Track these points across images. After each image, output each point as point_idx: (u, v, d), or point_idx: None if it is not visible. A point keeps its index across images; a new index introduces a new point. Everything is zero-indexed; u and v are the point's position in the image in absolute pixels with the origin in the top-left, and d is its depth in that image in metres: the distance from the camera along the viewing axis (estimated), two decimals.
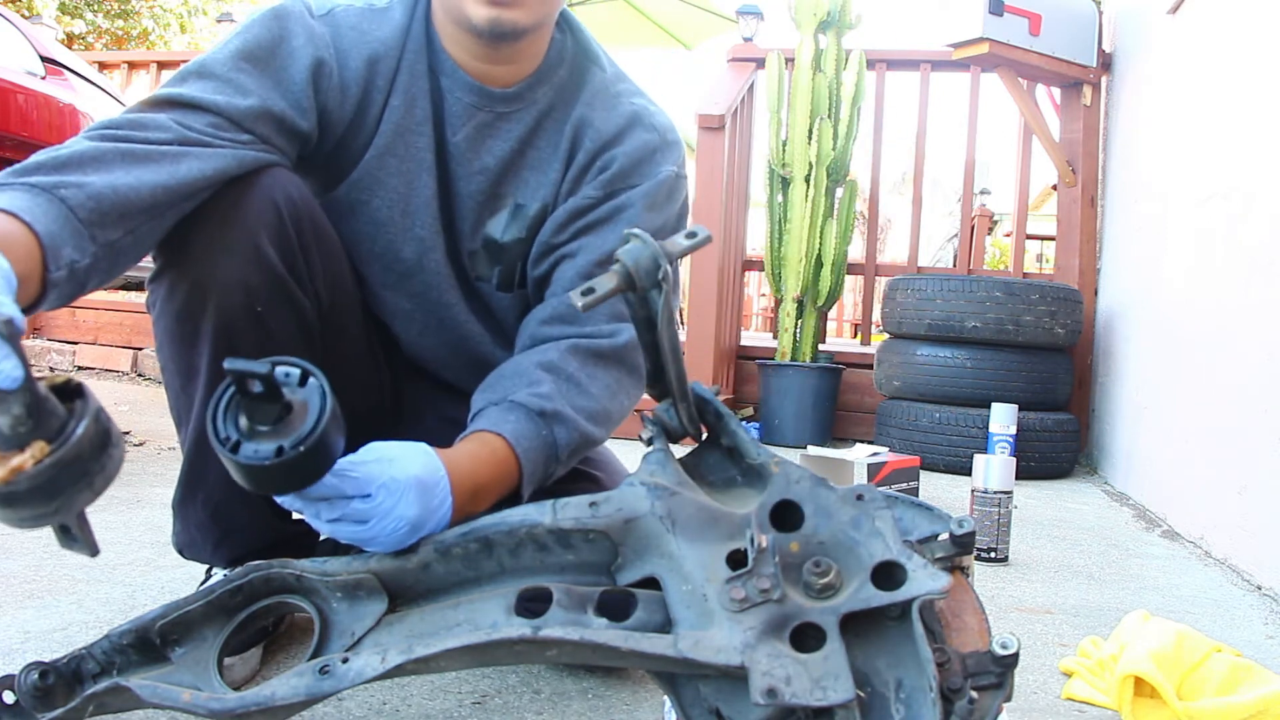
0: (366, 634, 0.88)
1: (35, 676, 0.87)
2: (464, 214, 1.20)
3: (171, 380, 1.09)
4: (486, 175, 1.19)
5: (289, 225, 1.05)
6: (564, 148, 1.19)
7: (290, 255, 1.06)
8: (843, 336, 8.35)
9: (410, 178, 1.16)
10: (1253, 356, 2.06)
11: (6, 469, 0.66)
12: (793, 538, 0.84)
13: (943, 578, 0.78)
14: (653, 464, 0.91)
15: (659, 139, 1.20)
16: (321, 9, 1.13)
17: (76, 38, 10.62)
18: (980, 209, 7.26)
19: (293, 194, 1.06)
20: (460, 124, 1.17)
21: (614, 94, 1.21)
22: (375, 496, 0.87)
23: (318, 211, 1.12)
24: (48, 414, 0.68)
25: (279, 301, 1.05)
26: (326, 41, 1.11)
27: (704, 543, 0.85)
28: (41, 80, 2.32)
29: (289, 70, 1.08)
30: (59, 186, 0.87)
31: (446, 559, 0.91)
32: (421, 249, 1.19)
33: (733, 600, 0.79)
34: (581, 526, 0.88)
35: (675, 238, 0.85)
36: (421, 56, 1.15)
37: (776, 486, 0.88)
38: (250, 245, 1.01)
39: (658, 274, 0.83)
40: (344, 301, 1.18)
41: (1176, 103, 3.00)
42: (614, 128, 1.19)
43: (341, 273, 1.17)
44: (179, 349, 1.05)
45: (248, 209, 1.02)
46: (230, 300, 1.01)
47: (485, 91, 1.16)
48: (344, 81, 1.12)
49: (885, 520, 0.83)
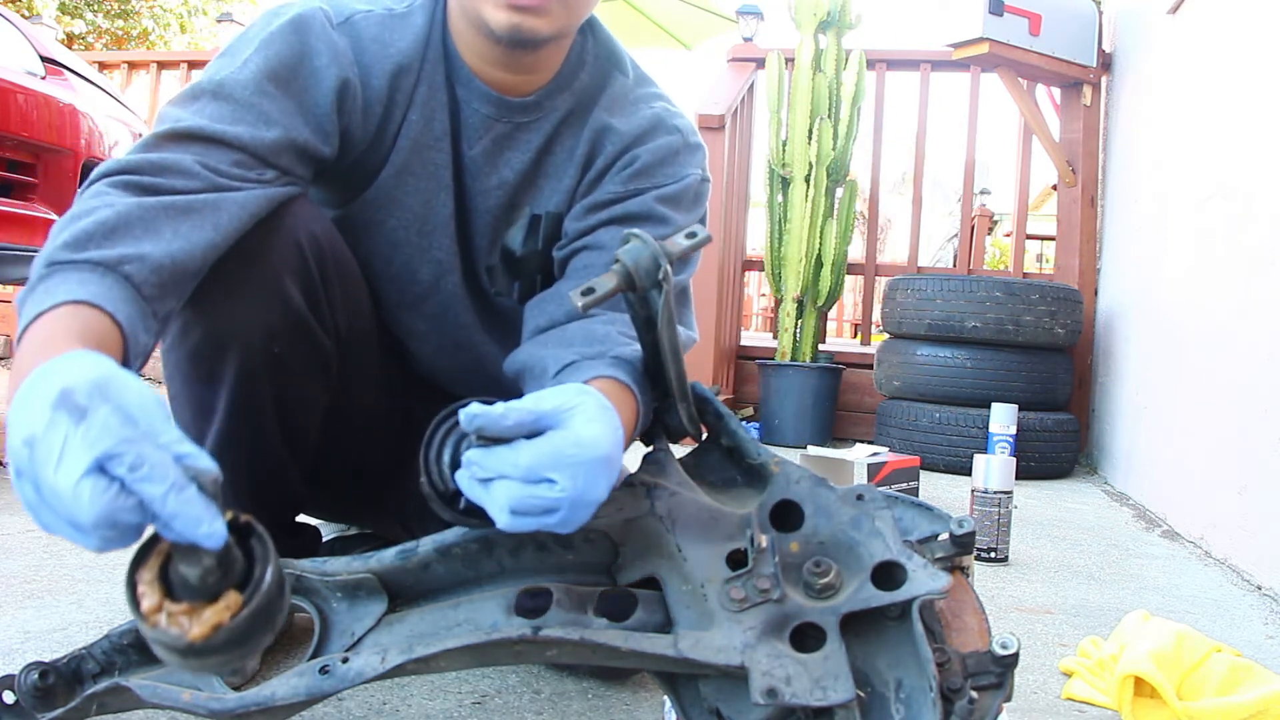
0: (367, 634, 0.88)
1: (35, 676, 0.87)
2: (481, 229, 1.16)
3: (183, 413, 1.05)
4: (504, 189, 1.14)
5: (312, 263, 1.02)
6: (581, 153, 1.15)
7: (313, 294, 1.03)
8: (843, 336, 8.35)
9: (428, 196, 1.12)
10: (1253, 356, 2.06)
11: (203, 625, 0.63)
12: (793, 538, 0.84)
13: (943, 578, 0.78)
14: (653, 464, 0.91)
15: (682, 140, 1.16)
16: (340, 14, 1.05)
17: (76, 38, 10.63)
18: (980, 209, 7.27)
19: (315, 231, 1.03)
20: (477, 137, 1.12)
21: (635, 98, 1.17)
22: (561, 483, 0.74)
23: (340, 244, 1.09)
24: (233, 560, 0.65)
25: (299, 341, 1.03)
26: (350, 59, 1.04)
27: (704, 543, 0.85)
28: (41, 80, 2.32)
29: (313, 94, 1.02)
30: (122, 263, 0.80)
31: (447, 559, 0.91)
32: (439, 271, 1.16)
33: (733, 600, 0.79)
34: (583, 528, 0.88)
35: (675, 237, 0.85)
36: (439, 66, 1.10)
37: (776, 486, 0.88)
38: (273, 287, 0.98)
39: (658, 274, 0.83)
40: (362, 329, 1.15)
41: (1176, 102, 3.00)
42: (636, 129, 1.14)
43: (361, 302, 1.14)
44: (193, 387, 1.02)
45: (270, 248, 0.98)
46: (251, 343, 0.98)
47: (503, 102, 1.11)
48: (367, 101, 1.07)
49: (885, 520, 0.83)
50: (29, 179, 2.25)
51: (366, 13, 1.07)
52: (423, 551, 0.90)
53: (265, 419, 1.04)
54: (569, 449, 0.74)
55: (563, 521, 0.76)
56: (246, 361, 0.99)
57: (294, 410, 1.07)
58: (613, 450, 0.77)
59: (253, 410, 1.02)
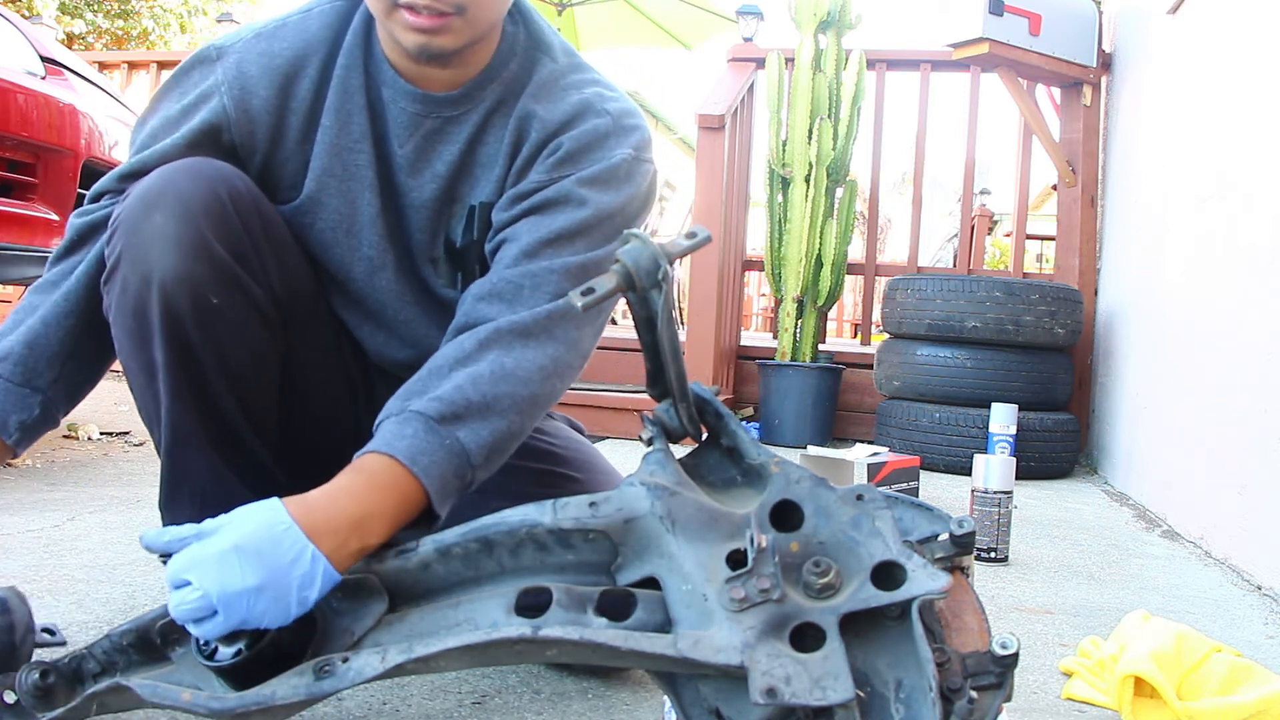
0: (367, 634, 0.88)
1: (36, 676, 0.88)
2: (420, 224, 1.17)
3: (135, 379, 1.08)
4: (438, 182, 1.15)
5: (232, 214, 1.05)
6: (508, 141, 1.15)
7: (237, 243, 1.05)
8: (843, 336, 8.35)
9: (352, 197, 1.14)
10: (1252, 356, 2.06)
11: None
12: (793, 538, 0.84)
13: (942, 577, 0.78)
14: (653, 464, 0.91)
15: (611, 123, 1.13)
16: (233, 38, 1.13)
17: (76, 38, 10.62)
18: (980, 209, 7.26)
19: (238, 185, 1.07)
20: (407, 135, 1.14)
21: (563, 85, 1.16)
22: (193, 584, 0.82)
23: (264, 202, 1.12)
24: None
25: (231, 290, 1.05)
26: (223, 86, 1.11)
27: (704, 543, 0.85)
28: (41, 80, 2.32)
29: (188, 123, 1.12)
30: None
31: (446, 559, 0.91)
32: (370, 268, 1.17)
33: (733, 600, 0.79)
34: (581, 526, 0.88)
35: (676, 238, 0.85)
36: (357, 70, 1.13)
37: (776, 486, 0.87)
38: (196, 236, 1.01)
39: (658, 274, 0.83)
40: (303, 292, 1.17)
41: (1176, 102, 3.00)
42: (561, 116, 1.13)
43: (296, 266, 1.16)
44: (136, 347, 1.05)
45: (192, 201, 1.02)
46: (175, 288, 1.01)
47: (430, 98, 1.13)
48: (252, 115, 1.12)
49: (885, 520, 0.83)
50: (29, 179, 2.25)
51: (260, 29, 1.13)
52: (423, 551, 0.90)
53: (208, 371, 1.06)
54: (198, 549, 0.84)
55: (225, 624, 0.83)
56: (173, 306, 1.01)
57: (236, 362, 1.08)
58: (246, 540, 0.84)
59: (192, 360, 1.04)
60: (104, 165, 2.39)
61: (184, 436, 1.08)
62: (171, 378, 1.04)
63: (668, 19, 7.85)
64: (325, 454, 1.27)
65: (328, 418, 1.26)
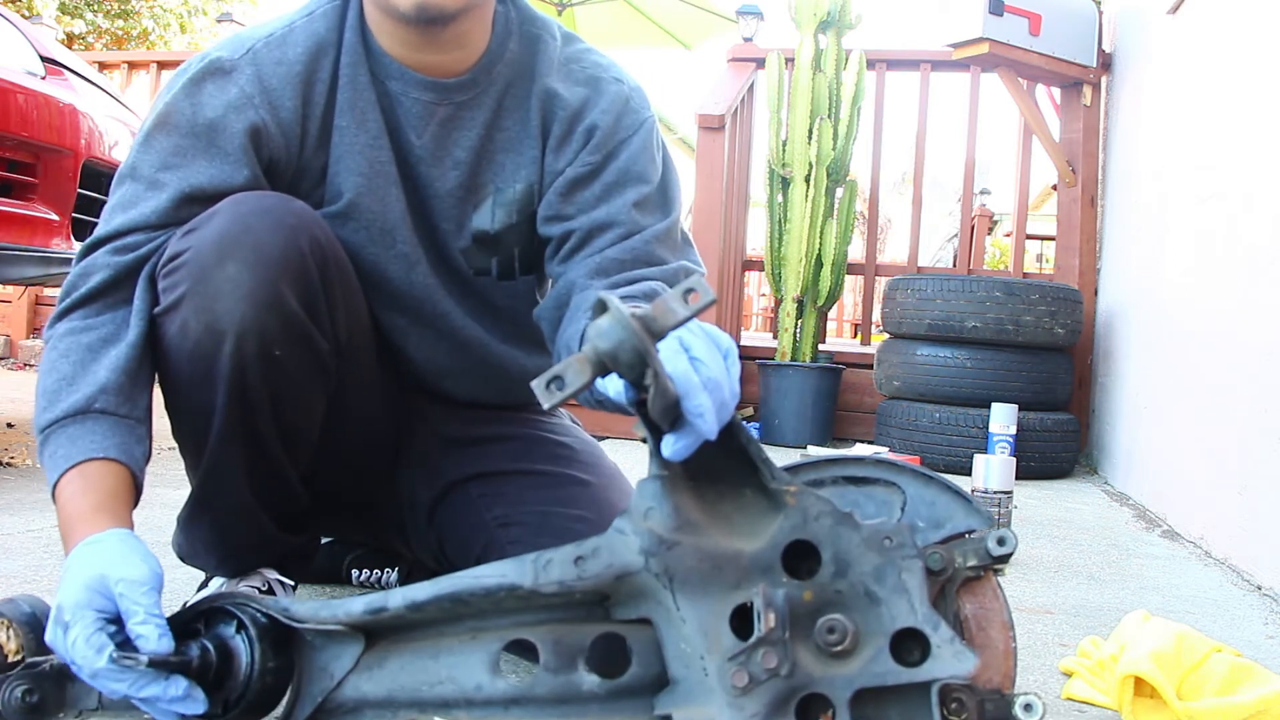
0: (347, 676, 0.86)
1: (19, 694, 0.84)
2: (445, 214, 1.17)
3: (180, 409, 1.06)
4: (460, 169, 1.15)
5: (313, 268, 1.03)
6: (535, 123, 1.15)
7: (312, 298, 1.03)
8: (843, 336, 8.34)
9: (381, 195, 1.13)
10: (1252, 356, 2.06)
11: None
12: (806, 586, 0.78)
13: (969, 659, 0.74)
14: (648, 498, 0.81)
15: (626, 88, 1.17)
16: (240, 49, 1.08)
17: (76, 38, 10.62)
18: (980, 209, 7.26)
19: (318, 235, 1.04)
20: (424, 125, 1.13)
21: (567, 58, 1.17)
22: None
23: (339, 249, 1.09)
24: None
25: (296, 344, 1.03)
26: (253, 98, 1.07)
27: (706, 598, 0.78)
28: (41, 80, 2.32)
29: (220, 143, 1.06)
30: (91, 402, 0.97)
31: (420, 612, 0.85)
32: (406, 265, 1.16)
33: (735, 687, 0.74)
34: (566, 589, 0.80)
35: (673, 306, 0.73)
36: (361, 67, 1.11)
37: (792, 522, 0.80)
38: (271, 290, 0.99)
39: (640, 365, 0.72)
40: (361, 333, 1.15)
41: (1176, 102, 3.00)
42: (580, 95, 1.15)
43: (360, 307, 1.14)
44: (191, 387, 1.03)
45: (270, 253, 0.99)
46: (246, 341, 0.99)
47: (440, 85, 1.12)
48: (283, 126, 1.08)
49: (913, 573, 0.77)
50: (29, 179, 2.25)
51: (267, 37, 1.10)
52: (393, 607, 0.85)
53: (262, 418, 1.04)
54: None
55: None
56: (241, 359, 0.99)
57: (291, 411, 1.07)
58: None
59: (249, 408, 1.03)
60: (104, 165, 2.39)
61: (223, 473, 1.07)
62: (225, 423, 1.03)
63: (668, 19, 7.85)
64: (354, 484, 1.27)
65: (362, 449, 1.24)
